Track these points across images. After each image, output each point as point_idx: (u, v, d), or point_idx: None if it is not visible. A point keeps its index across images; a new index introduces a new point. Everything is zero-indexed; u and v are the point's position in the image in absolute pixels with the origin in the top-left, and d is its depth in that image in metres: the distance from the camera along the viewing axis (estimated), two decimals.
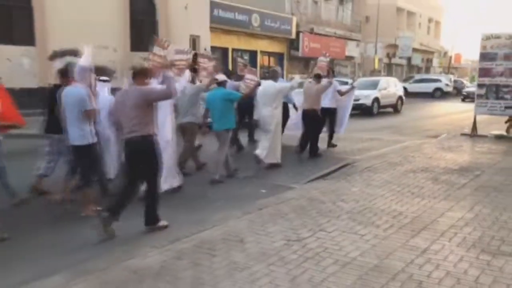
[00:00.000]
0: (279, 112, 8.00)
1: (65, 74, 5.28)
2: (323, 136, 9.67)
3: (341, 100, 10.05)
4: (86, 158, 5.17)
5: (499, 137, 11.26)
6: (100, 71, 6.11)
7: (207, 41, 21.40)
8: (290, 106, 10.01)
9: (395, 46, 43.24)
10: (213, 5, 22.51)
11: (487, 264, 3.76)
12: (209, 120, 7.35)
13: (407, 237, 4.38)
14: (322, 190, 6.22)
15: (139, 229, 4.76)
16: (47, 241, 4.54)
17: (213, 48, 23.02)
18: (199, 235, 4.44)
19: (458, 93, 32.98)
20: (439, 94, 32.10)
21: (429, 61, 53.66)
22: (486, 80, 11.45)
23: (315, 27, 32.83)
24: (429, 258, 3.87)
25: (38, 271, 3.70)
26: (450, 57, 57.03)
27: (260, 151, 7.72)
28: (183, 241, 4.29)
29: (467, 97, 28.05)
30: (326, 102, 9.53)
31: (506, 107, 11.26)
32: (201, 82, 7.55)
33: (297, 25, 30.75)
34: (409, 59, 46.07)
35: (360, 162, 8.17)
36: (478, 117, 11.95)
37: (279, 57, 31.11)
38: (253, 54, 28.96)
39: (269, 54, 30.50)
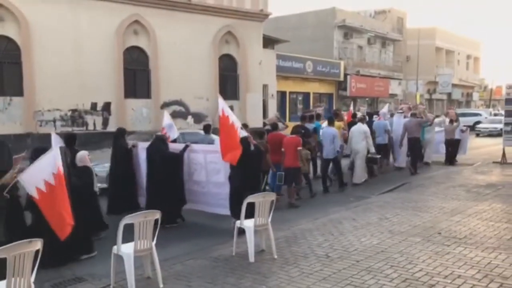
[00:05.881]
0: None
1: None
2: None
3: (463, 134, 15.62)
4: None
5: None
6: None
7: (273, 87, 25.47)
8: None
9: (435, 83, 46.08)
10: (276, 57, 26.70)
11: (491, 226, 7.09)
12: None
13: (448, 216, 7.74)
14: (391, 197, 9.64)
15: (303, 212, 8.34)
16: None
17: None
18: (328, 217, 7.96)
19: None
20: None
21: (469, 95, 55.65)
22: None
23: (361, 69, 36.47)
24: (460, 223, 7.23)
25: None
26: (491, 90, 58.84)
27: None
28: (321, 219, 7.81)
29: None
30: (456, 135, 15.05)
31: None
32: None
33: (345, 69, 34.52)
34: (449, 94, 48.65)
35: (415, 182, 11.53)
36: (510, 149, 15.00)
37: (328, 97, 34.86)
38: (306, 96, 32.88)
39: (320, 94, 34.27)
